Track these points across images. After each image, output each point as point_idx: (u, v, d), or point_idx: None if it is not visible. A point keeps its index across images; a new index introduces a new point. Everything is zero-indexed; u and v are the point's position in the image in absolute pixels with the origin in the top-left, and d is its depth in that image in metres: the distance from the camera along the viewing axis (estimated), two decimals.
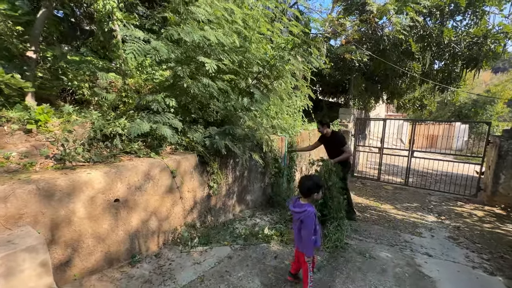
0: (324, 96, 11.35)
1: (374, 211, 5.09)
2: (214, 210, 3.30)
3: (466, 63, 7.80)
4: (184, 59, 2.95)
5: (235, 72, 3.58)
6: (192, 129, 3.11)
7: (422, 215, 5.08)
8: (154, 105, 2.66)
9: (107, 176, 2.09)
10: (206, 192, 3.11)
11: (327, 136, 4.31)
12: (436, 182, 7.02)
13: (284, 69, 3.75)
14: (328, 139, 4.32)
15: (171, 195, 2.67)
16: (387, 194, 6.42)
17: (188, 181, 2.86)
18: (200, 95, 2.92)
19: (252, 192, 4.05)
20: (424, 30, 7.48)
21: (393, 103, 10.61)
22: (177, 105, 2.96)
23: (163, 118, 2.60)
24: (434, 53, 7.82)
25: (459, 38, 7.16)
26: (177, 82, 2.89)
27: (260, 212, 4.04)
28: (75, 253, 1.93)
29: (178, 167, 2.72)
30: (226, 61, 2.76)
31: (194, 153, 2.94)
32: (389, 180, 7.50)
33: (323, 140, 4.44)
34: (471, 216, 5.20)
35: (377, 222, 4.46)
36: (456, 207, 5.76)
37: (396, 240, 3.76)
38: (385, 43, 7.50)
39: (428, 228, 4.36)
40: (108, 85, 3.69)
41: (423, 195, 6.52)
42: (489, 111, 14.73)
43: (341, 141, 4.17)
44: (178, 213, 2.78)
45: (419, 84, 9.33)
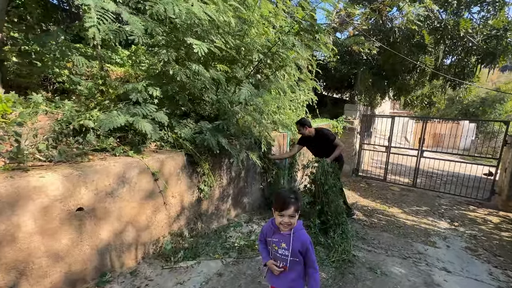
0: (328, 91, 10.83)
1: (382, 215, 4.66)
2: (206, 215, 2.88)
3: (482, 58, 7.24)
4: (170, 41, 2.49)
5: (231, 60, 3.13)
6: (181, 124, 2.67)
7: (433, 220, 4.64)
8: (133, 94, 2.22)
9: (67, 180, 1.67)
10: (195, 196, 2.69)
11: (311, 137, 3.84)
12: (445, 184, 6.56)
13: (288, 58, 3.28)
14: (312, 139, 3.85)
15: (153, 200, 2.25)
16: (393, 196, 5.98)
17: (174, 184, 2.44)
18: (189, 84, 2.48)
19: (249, 194, 3.63)
20: (439, 22, 6.92)
21: (400, 100, 10.07)
22: (163, 95, 2.52)
23: (144, 110, 2.17)
24: (447, 47, 7.26)
25: (476, 30, 6.59)
26: (163, 69, 2.44)
27: (258, 217, 3.63)
28: (22, 277, 1.52)
29: (162, 168, 2.30)
30: (219, 42, 2.30)
31: (182, 152, 2.51)
32: (395, 180, 7.05)
33: (306, 142, 3.96)
34: (486, 223, 4.75)
35: (386, 229, 4.04)
36: (468, 211, 5.32)
37: (408, 251, 3.33)
38: (395, 35, 6.96)
39: (442, 237, 3.93)
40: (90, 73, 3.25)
41: (432, 197, 6.07)
42: (498, 110, 14.10)
43: (330, 137, 3.77)
44: (162, 221, 2.37)
45: (429, 80, 8.78)
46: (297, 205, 1.40)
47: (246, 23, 2.89)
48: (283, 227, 1.42)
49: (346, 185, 6.41)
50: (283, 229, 1.43)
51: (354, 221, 4.24)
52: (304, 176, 4.77)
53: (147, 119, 2.24)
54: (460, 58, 7.66)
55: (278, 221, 1.42)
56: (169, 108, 2.61)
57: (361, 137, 7.41)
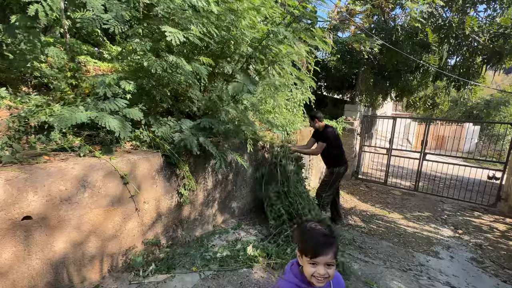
0: (328, 92, 10.52)
1: (381, 221, 4.37)
2: (187, 222, 2.62)
3: (488, 58, 6.90)
4: (148, 30, 2.24)
5: (219, 54, 2.87)
6: (160, 122, 2.42)
7: (436, 227, 4.34)
8: (101, 88, 1.97)
9: (10, 185, 1.42)
10: (175, 200, 2.44)
11: (319, 131, 3.80)
12: (447, 188, 6.23)
13: (281, 52, 3.01)
14: (320, 134, 3.77)
15: (122, 207, 2.00)
16: (394, 200, 5.68)
17: (149, 188, 2.19)
18: (167, 78, 2.22)
19: (239, 198, 3.37)
20: (443, 20, 6.60)
21: (402, 101, 9.74)
22: (139, 90, 2.27)
23: (111, 105, 1.91)
24: (452, 46, 6.94)
25: (482, 29, 6.27)
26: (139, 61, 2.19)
27: (247, 222, 3.36)
28: None
29: (133, 171, 2.05)
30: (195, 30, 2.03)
31: (159, 153, 2.25)
32: (396, 183, 6.74)
33: (317, 136, 3.87)
34: (492, 231, 4.44)
35: (385, 236, 3.75)
36: (473, 218, 5.00)
37: (409, 263, 3.05)
38: (398, 33, 6.65)
39: (445, 246, 3.64)
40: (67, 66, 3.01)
41: (434, 202, 5.76)
42: (503, 112, 13.68)
43: (325, 138, 3.66)
44: (133, 229, 2.11)
45: (432, 81, 8.44)
46: (336, 247, 0.98)
47: (233, 13, 2.63)
48: (317, 281, 0.97)
49: (345, 188, 6.12)
50: (317, 283, 0.98)
51: (352, 227, 3.96)
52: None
53: (117, 116, 1.99)
54: (465, 58, 7.32)
55: (310, 273, 0.96)
56: (146, 104, 2.36)
57: (362, 139, 7.12)
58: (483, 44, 6.47)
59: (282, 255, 2.60)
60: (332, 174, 3.72)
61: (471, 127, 13.09)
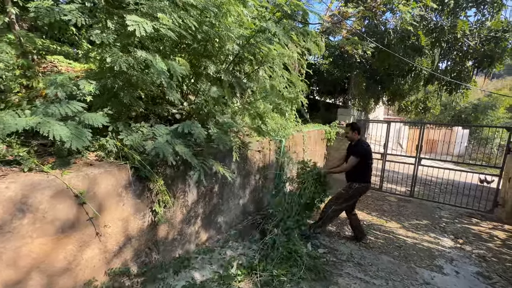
0: (321, 96, 10.34)
1: (379, 231, 4.07)
2: (164, 243, 2.25)
3: (478, 62, 6.82)
4: (110, 19, 1.90)
5: (201, 52, 2.55)
6: (131, 129, 2.07)
7: (436, 237, 4.07)
8: (52, 88, 1.61)
9: None
10: (148, 220, 2.07)
11: (351, 144, 3.51)
12: (444, 193, 6.03)
13: (271, 52, 2.71)
14: (350, 147, 3.51)
15: (77, 232, 1.63)
16: (391, 207, 5.41)
17: (114, 208, 1.82)
18: (136, 78, 1.88)
19: (226, 212, 3.01)
20: (435, 23, 6.49)
21: (394, 105, 9.63)
22: (103, 92, 1.92)
23: (63, 109, 1.55)
24: (443, 50, 6.84)
25: (474, 32, 6.18)
26: (102, 56, 1.85)
27: (235, 238, 3.01)
28: None
29: (93, 187, 1.68)
30: (164, 18, 1.70)
31: (127, 164, 1.89)
32: (391, 189, 6.50)
33: (348, 148, 3.57)
34: (493, 239, 4.20)
35: (385, 250, 3.45)
36: (471, 225, 4.77)
37: (413, 281, 2.74)
38: (390, 36, 6.50)
39: (448, 259, 3.36)
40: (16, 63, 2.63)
41: (431, 209, 5.52)
42: (490, 116, 13.80)
43: (354, 151, 3.33)
44: (93, 258, 1.73)
45: (424, 85, 8.35)
46: None
47: (217, 7, 2.32)
48: None
49: None
50: None
51: (348, 240, 3.64)
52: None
53: (72, 122, 1.63)
54: (455, 62, 7.25)
55: None
56: (114, 108, 2.00)
57: None
58: (473, 48, 6.38)
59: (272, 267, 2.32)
60: (350, 189, 3.35)
61: (460, 130, 13.12)
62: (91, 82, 1.81)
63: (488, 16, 6.64)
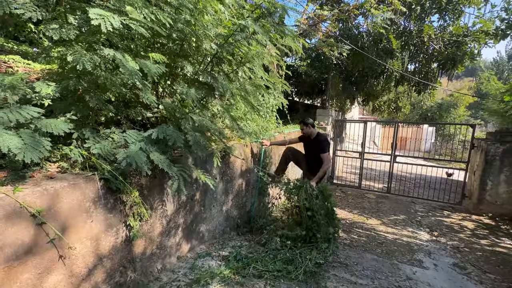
0: (300, 97, 10.46)
1: (361, 229, 4.13)
2: (142, 259, 2.05)
3: (443, 64, 7.28)
4: (71, 14, 1.69)
5: (177, 52, 2.38)
6: (100, 135, 1.85)
7: (413, 231, 4.22)
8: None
9: None
10: (122, 235, 1.86)
11: (311, 138, 3.66)
12: (418, 188, 6.32)
13: (250, 51, 2.62)
14: (311, 141, 3.66)
15: (36, 258, 1.40)
16: (370, 204, 5.55)
17: (81, 225, 1.60)
18: (104, 78, 1.68)
19: (208, 220, 2.85)
20: (404, 28, 6.83)
21: (368, 105, 10.01)
22: (66, 94, 1.69)
23: (13, 115, 1.32)
24: (411, 53, 7.21)
25: (438, 37, 6.58)
26: (61, 55, 1.62)
27: (219, 247, 2.85)
28: None
29: (55, 204, 1.46)
30: (132, 11, 1.53)
31: (96, 176, 1.68)
32: (370, 186, 6.69)
33: (304, 141, 3.78)
34: (463, 230, 4.45)
35: (368, 247, 3.48)
36: (443, 217, 5.03)
37: (397, 278, 2.77)
38: (363, 39, 6.72)
39: (426, 252, 3.47)
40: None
41: (406, 203, 5.76)
42: (452, 114, 14.91)
43: (322, 147, 3.51)
44: (57, 285, 1.50)
45: (395, 86, 8.76)
46: None
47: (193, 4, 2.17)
48: None
49: None
50: None
51: None
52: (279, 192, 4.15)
53: (26, 130, 1.40)
54: (422, 64, 7.67)
55: None
56: (79, 112, 1.78)
57: (335, 143, 7.00)
58: (438, 51, 6.79)
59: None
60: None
61: (428, 128, 13.99)
62: (50, 83, 1.58)
63: (449, 22, 7.13)
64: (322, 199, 2.97)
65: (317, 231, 2.82)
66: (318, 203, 2.90)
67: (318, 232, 2.82)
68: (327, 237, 2.85)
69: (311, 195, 2.91)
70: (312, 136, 3.65)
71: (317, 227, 2.83)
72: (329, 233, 2.83)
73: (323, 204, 2.92)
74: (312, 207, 2.86)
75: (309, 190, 2.95)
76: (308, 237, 2.89)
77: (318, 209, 2.86)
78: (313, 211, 2.85)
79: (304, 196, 2.89)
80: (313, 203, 2.89)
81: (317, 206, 2.88)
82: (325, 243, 2.83)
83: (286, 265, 2.55)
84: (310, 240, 2.89)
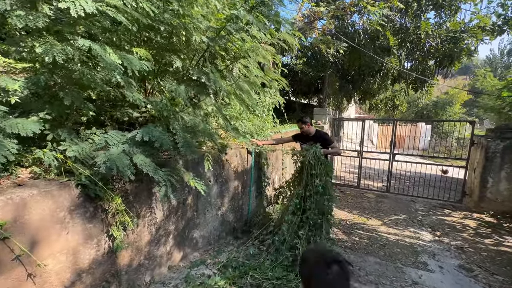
0: (296, 97, 10.31)
1: (362, 230, 3.98)
2: (128, 272, 1.86)
3: (440, 61, 7.17)
4: None
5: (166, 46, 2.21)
6: (78, 137, 1.66)
7: (415, 231, 4.07)
8: None
9: None
10: (104, 247, 1.67)
11: (309, 136, 3.48)
12: (417, 186, 6.20)
13: (244, 45, 2.44)
14: (311, 138, 3.46)
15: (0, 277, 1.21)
16: (370, 204, 5.41)
17: (54, 238, 1.41)
18: (80, 73, 1.49)
19: (202, 226, 2.67)
20: (400, 24, 6.71)
21: (365, 104, 9.90)
22: (38, 92, 1.50)
23: None
24: (408, 50, 7.10)
25: (435, 33, 6.47)
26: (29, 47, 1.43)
27: (214, 254, 2.67)
28: None
29: (22, 216, 1.27)
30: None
31: (72, 182, 1.50)
32: (369, 186, 6.56)
33: (302, 140, 3.55)
34: (466, 229, 4.31)
35: (370, 250, 3.33)
36: (445, 216, 4.90)
37: (402, 283, 2.62)
38: (360, 37, 6.59)
39: (430, 254, 3.33)
40: None
41: (406, 202, 5.62)
42: (448, 112, 14.90)
43: (327, 140, 3.47)
44: None
45: (391, 84, 8.65)
46: None
47: None
48: None
49: None
50: None
51: (334, 242, 3.48)
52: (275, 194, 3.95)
53: None
54: (419, 62, 7.57)
55: None
56: (55, 111, 1.59)
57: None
58: (435, 47, 6.68)
59: None
60: None
61: (424, 126, 13.94)
62: (18, 79, 1.39)
63: (445, 19, 7.03)
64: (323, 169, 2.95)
65: (311, 199, 2.78)
66: (321, 169, 2.88)
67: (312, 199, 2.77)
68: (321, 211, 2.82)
69: (318, 158, 2.88)
70: (311, 133, 3.51)
71: (313, 194, 2.79)
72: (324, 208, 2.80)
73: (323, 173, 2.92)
74: (316, 168, 2.84)
75: (318, 153, 2.92)
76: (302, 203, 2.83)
77: (319, 172, 2.84)
78: (315, 173, 2.83)
79: (312, 156, 2.86)
80: (317, 167, 2.85)
81: (320, 170, 2.86)
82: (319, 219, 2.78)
83: (286, 272, 2.38)
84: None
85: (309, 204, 2.75)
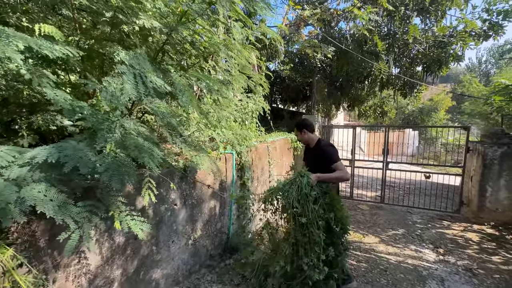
0: (284, 104, 9.95)
1: (359, 251, 3.48)
2: None
3: (428, 66, 6.98)
4: None
5: (107, 35, 1.69)
6: None
7: (417, 249, 3.62)
8: None
9: None
10: None
11: (310, 147, 2.53)
12: (413, 196, 5.82)
13: (213, 38, 1.96)
14: (311, 151, 2.51)
15: None
16: (364, 217, 4.95)
17: None
18: None
19: (165, 262, 2.09)
20: (388, 29, 6.50)
21: (354, 111, 9.65)
22: None
23: None
24: (396, 55, 6.89)
25: (423, 38, 6.27)
26: None
27: None
28: None
29: None
30: None
31: None
32: (362, 196, 6.13)
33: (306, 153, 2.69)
34: (469, 244, 3.90)
35: (371, 278, 2.82)
36: (444, 229, 4.48)
37: None
38: (347, 42, 6.31)
39: (438, 279, 2.86)
40: None
41: (402, 214, 5.21)
42: (433, 118, 14.98)
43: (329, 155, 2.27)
44: None
45: (380, 90, 8.43)
46: None
47: None
48: None
49: None
50: None
51: None
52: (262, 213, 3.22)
53: None
54: (406, 68, 7.37)
55: None
56: None
57: None
58: (423, 53, 6.48)
59: None
60: None
61: (411, 132, 13.87)
62: None
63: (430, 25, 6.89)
64: (324, 206, 2.02)
65: (305, 251, 1.97)
66: (316, 210, 1.96)
67: (307, 251, 1.97)
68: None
69: (307, 195, 1.95)
70: (312, 143, 2.52)
71: (306, 244, 1.96)
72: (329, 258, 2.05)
73: (324, 214, 2.00)
74: (305, 214, 1.94)
75: (305, 188, 1.96)
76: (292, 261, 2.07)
77: (314, 219, 1.94)
78: (307, 219, 1.92)
79: (297, 194, 1.93)
80: (308, 207, 1.94)
81: (314, 213, 1.95)
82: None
83: None
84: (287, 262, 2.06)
85: (307, 262, 1.95)
